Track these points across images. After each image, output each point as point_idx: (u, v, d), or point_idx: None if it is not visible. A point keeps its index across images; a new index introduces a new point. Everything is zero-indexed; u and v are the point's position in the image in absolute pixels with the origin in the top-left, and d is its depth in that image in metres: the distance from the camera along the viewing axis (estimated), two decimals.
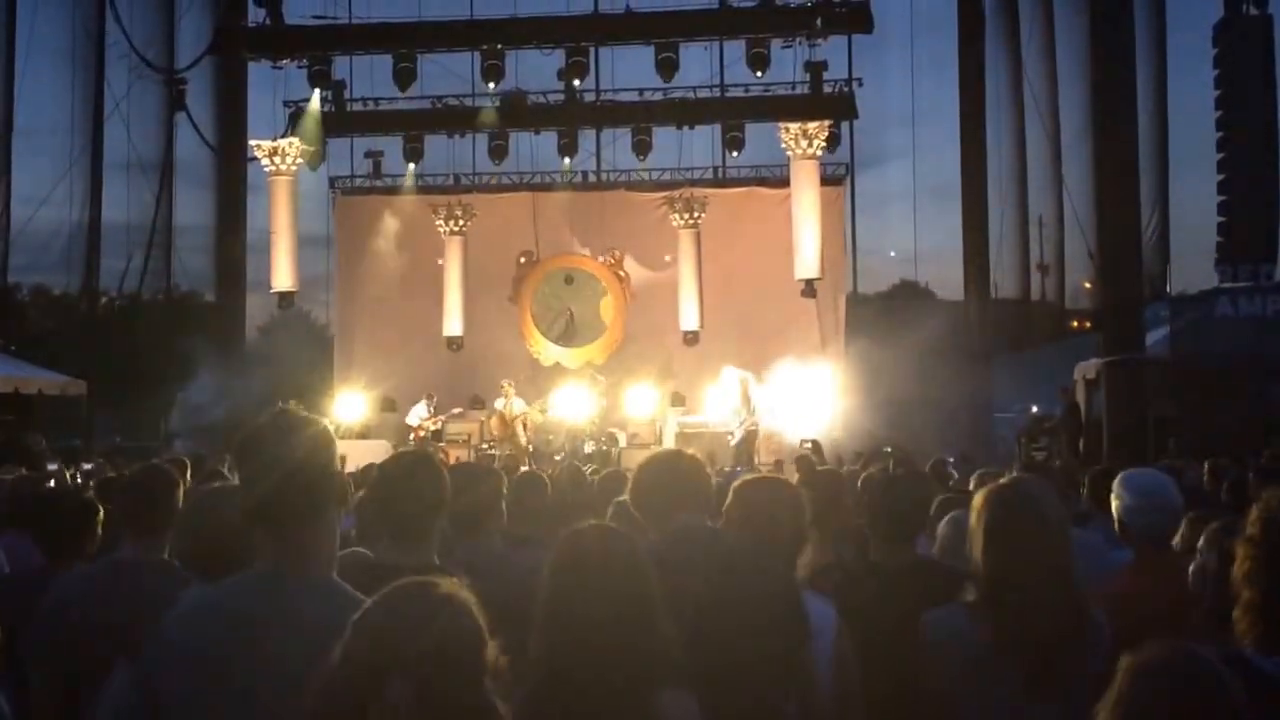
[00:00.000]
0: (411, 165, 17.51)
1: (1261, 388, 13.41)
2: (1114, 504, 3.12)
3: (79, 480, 7.62)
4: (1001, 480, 2.40)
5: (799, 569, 2.65)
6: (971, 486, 4.67)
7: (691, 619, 2.18)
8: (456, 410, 15.59)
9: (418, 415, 15.31)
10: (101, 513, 3.42)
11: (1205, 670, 1.46)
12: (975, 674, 2.24)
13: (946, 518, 3.52)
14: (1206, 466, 6.13)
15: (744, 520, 2.63)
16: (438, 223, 17.17)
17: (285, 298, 17.15)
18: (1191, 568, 2.58)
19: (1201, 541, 2.54)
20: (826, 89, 16.13)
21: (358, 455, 10.62)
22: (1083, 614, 2.28)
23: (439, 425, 15.18)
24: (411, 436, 14.86)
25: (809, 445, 12.19)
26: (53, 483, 6.63)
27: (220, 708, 1.77)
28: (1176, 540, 3.13)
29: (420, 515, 2.53)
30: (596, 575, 2.00)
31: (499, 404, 15.08)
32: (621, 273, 17.30)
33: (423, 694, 1.36)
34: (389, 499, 2.57)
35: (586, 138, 17.71)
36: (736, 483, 2.78)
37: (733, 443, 13.30)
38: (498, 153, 17.13)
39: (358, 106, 17.25)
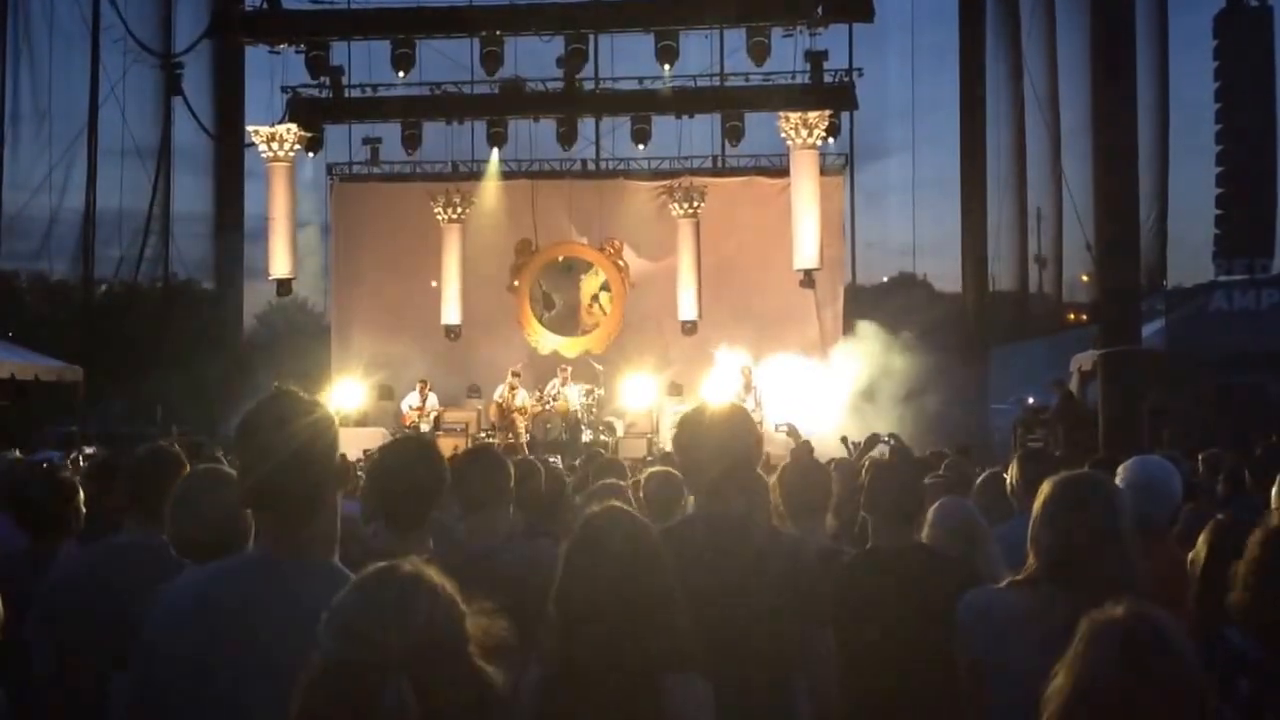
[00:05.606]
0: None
1: (1255, 381, 13.46)
2: None
3: (80, 464, 7.60)
4: (1076, 471, 2.47)
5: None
6: (978, 482, 4.68)
7: (712, 600, 2.20)
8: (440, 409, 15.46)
9: (409, 404, 15.29)
10: (82, 492, 3.40)
11: (1155, 630, 1.52)
12: (1024, 643, 2.25)
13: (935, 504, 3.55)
14: (1200, 458, 6.14)
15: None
16: (436, 210, 17.14)
17: (283, 285, 17.11)
18: (1190, 557, 2.61)
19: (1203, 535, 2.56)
20: (827, 79, 16.10)
21: (355, 443, 10.64)
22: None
23: (430, 415, 15.13)
24: (408, 425, 14.84)
25: (785, 429, 11.96)
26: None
27: (214, 693, 1.75)
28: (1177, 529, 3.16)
29: (416, 502, 2.53)
30: (609, 560, 2.00)
31: (498, 393, 15.07)
32: (620, 262, 17.28)
33: (422, 691, 1.32)
34: (386, 485, 2.57)
35: (586, 126, 17.66)
36: None
37: None
38: (496, 140, 17.09)
39: (355, 92, 17.18)
